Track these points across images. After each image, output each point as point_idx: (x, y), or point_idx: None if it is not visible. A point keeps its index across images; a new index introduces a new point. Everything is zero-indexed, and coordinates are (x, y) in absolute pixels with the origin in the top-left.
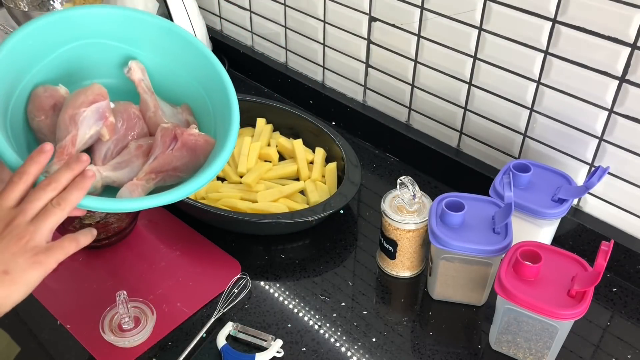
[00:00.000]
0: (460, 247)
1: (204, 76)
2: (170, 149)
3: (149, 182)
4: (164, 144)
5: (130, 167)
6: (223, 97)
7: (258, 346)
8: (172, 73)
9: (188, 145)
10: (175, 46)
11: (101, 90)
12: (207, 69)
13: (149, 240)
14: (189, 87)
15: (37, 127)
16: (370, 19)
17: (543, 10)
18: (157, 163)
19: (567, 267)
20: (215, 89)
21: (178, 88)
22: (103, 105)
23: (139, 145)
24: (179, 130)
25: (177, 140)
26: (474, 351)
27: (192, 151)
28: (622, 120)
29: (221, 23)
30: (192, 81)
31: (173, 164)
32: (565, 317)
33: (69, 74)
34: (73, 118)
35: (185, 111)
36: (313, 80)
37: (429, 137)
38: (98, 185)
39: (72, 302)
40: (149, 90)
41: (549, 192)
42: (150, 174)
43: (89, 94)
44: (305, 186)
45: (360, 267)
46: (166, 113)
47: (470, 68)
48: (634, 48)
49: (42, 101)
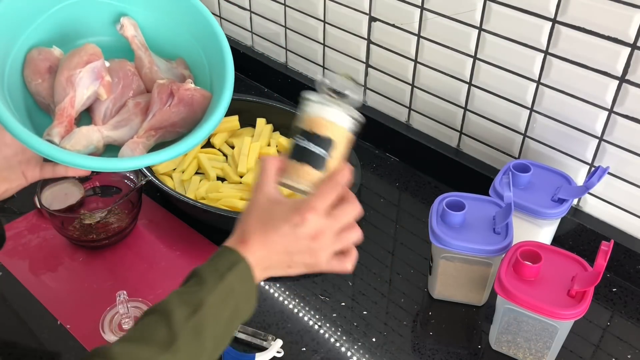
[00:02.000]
0: (460, 246)
1: (197, 30)
2: (168, 105)
3: (149, 140)
4: (161, 100)
5: (130, 125)
6: (217, 50)
7: (258, 346)
8: (165, 28)
9: (185, 100)
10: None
11: (95, 50)
12: (199, 22)
13: (149, 240)
14: (183, 41)
15: (35, 91)
16: (370, 19)
17: (543, 10)
18: (156, 120)
19: (567, 267)
20: (209, 42)
21: (172, 43)
22: (98, 64)
23: (137, 103)
24: (175, 86)
25: (174, 96)
26: (474, 351)
27: (189, 106)
28: (622, 120)
29: (221, 23)
30: (185, 35)
31: (171, 120)
32: (565, 317)
33: (61, 34)
34: (69, 79)
35: (181, 65)
36: (313, 80)
37: (429, 137)
38: (100, 145)
39: (72, 302)
40: (142, 47)
41: (549, 192)
42: (150, 130)
43: (83, 55)
44: None
45: (361, 267)
46: (161, 68)
47: (470, 68)
48: (634, 48)
49: (38, 64)
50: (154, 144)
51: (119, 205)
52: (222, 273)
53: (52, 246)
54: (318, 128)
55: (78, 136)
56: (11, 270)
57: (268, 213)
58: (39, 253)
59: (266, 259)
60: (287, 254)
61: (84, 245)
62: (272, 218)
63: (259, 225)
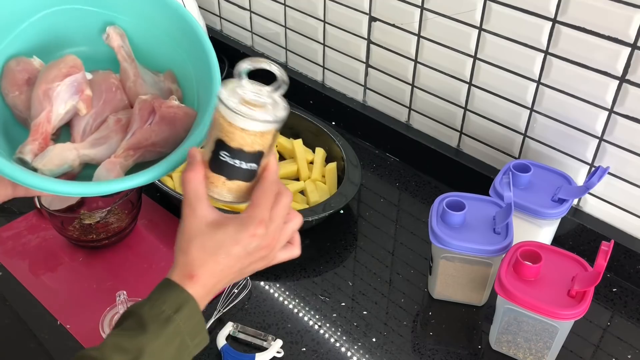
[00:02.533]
0: (460, 246)
1: (185, 42)
2: (149, 124)
3: (127, 160)
4: (142, 118)
5: (109, 143)
6: (204, 65)
7: (258, 346)
8: (153, 38)
9: (167, 118)
10: (154, 9)
11: (75, 62)
12: (188, 35)
13: (149, 240)
14: (171, 54)
15: (12, 103)
16: (370, 19)
17: (543, 10)
18: (135, 139)
19: (567, 267)
20: (197, 57)
21: (160, 54)
22: (78, 77)
23: (118, 119)
24: (157, 102)
25: (156, 114)
26: (474, 351)
27: (172, 125)
28: (622, 120)
29: (221, 23)
30: (174, 47)
31: (152, 140)
32: (565, 317)
33: (43, 44)
34: (47, 93)
35: (168, 79)
36: (313, 80)
37: (429, 137)
38: (75, 164)
39: (72, 302)
40: (129, 58)
41: (549, 192)
42: (129, 150)
43: (62, 67)
44: (305, 186)
45: (360, 267)
46: (147, 82)
47: (470, 68)
48: (634, 48)
49: (15, 76)
50: (133, 164)
51: (119, 205)
52: (168, 316)
53: (52, 246)
54: (245, 144)
55: (51, 155)
56: (11, 270)
57: (213, 240)
58: (39, 253)
59: (217, 285)
60: (240, 271)
61: (84, 245)
62: (219, 245)
63: (205, 255)
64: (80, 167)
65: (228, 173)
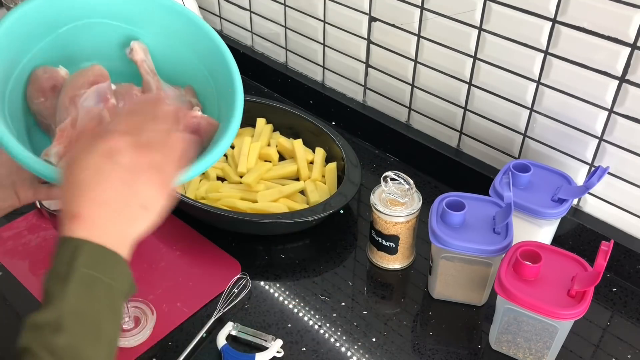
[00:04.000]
0: (460, 246)
1: (207, 57)
2: None
3: None
4: None
5: None
6: (227, 79)
7: (258, 346)
8: (175, 54)
9: (190, 127)
10: (178, 26)
11: (102, 72)
12: (211, 50)
13: (149, 240)
14: (192, 69)
15: (37, 110)
16: (370, 19)
17: (543, 10)
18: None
19: (567, 267)
20: (219, 71)
21: (181, 69)
22: (104, 86)
23: None
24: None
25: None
26: (474, 351)
27: (195, 134)
28: (622, 120)
29: (221, 23)
30: (195, 62)
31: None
32: (565, 317)
33: (68, 55)
34: (73, 100)
35: (189, 93)
36: (313, 80)
37: (429, 137)
38: None
39: None
40: (151, 72)
41: (549, 192)
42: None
43: (90, 75)
44: (305, 186)
45: (360, 267)
46: (169, 95)
47: (470, 68)
48: (634, 48)
49: (42, 83)
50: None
51: None
52: (66, 274)
53: (52, 246)
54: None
55: None
56: (11, 270)
57: (71, 171)
58: (39, 253)
59: (115, 214)
60: (126, 185)
61: None
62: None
63: (74, 186)
64: None
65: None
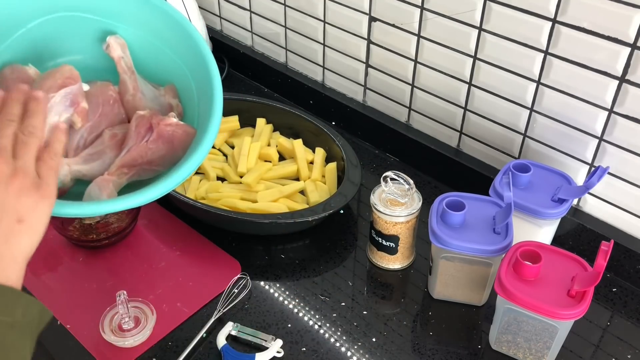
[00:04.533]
0: (460, 246)
1: (187, 56)
2: (145, 141)
3: (120, 178)
4: (139, 134)
5: (103, 159)
6: (206, 80)
7: (258, 346)
8: (154, 49)
9: (164, 136)
10: (157, 20)
11: (72, 73)
12: (191, 49)
13: (149, 240)
14: (173, 66)
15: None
16: (370, 19)
17: (543, 10)
18: (130, 156)
19: (567, 267)
20: (198, 70)
21: (162, 66)
22: (74, 89)
23: (114, 134)
24: (156, 119)
25: (153, 131)
26: (474, 351)
27: (169, 143)
28: (622, 120)
29: (221, 23)
30: (176, 60)
31: (148, 157)
32: (565, 317)
33: (39, 51)
34: None
35: (169, 93)
36: (313, 80)
37: (429, 137)
38: (67, 180)
39: (72, 302)
40: (129, 70)
41: (549, 192)
42: (122, 168)
43: (58, 77)
44: (305, 186)
45: (360, 267)
46: (147, 96)
47: (470, 68)
48: (634, 48)
49: (9, 84)
50: (127, 182)
51: None
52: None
53: (52, 246)
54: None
55: None
56: None
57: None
58: (39, 253)
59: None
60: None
61: (84, 245)
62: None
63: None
64: (71, 183)
65: None
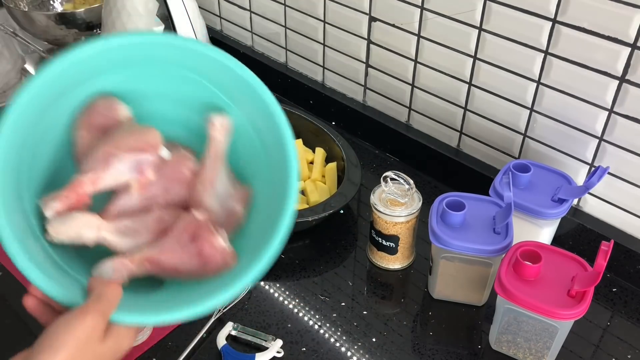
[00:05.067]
0: (460, 246)
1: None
2: (181, 247)
3: (139, 268)
4: (179, 238)
5: (135, 239)
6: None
7: (258, 346)
8: (248, 142)
9: (202, 255)
10: (256, 108)
11: (155, 140)
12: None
13: None
14: (259, 168)
15: (74, 140)
16: (370, 19)
17: (543, 10)
18: (160, 254)
19: (567, 267)
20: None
21: (247, 162)
22: (148, 157)
23: (160, 219)
24: (205, 234)
25: (194, 244)
26: (474, 351)
27: (203, 263)
28: (622, 120)
29: (221, 23)
30: (264, 162)
31: (175, 265)
32: (565, 317)
33: (143, 91)
34: (107, 157)
35: (240, 200)
36: (313, 80)
37: (429, 137)
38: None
39: None
40: (218, 159)
41: (549, 192)
42: (146, 261)
43: (140, 140)
44: (305, 186)
45: (360, 267)
46: (218, 193)
47: (470, 68)
48: (634, 48)
49: (94, 117)
50: (142, 275)
51: None
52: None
53: None
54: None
55: (70, 224)
56: (11, 270)
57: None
58: None
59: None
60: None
61: None
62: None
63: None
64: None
65: None
